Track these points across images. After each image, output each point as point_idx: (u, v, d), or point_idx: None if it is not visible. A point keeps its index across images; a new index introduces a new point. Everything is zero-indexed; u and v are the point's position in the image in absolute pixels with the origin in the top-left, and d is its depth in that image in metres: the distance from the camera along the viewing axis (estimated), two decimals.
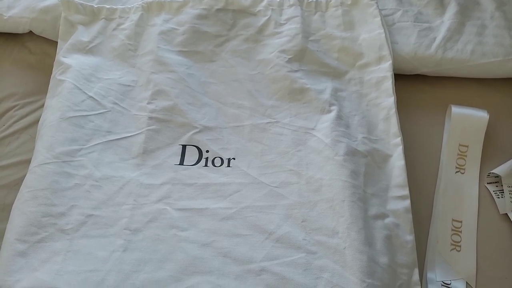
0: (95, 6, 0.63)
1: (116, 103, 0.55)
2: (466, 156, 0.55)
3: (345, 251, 0.43)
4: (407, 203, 0.48)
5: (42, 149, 0.50)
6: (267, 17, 0.62)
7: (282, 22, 0.62)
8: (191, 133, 0.53)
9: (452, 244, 0.50)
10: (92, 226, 0.46)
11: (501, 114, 0.59)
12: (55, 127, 0.51)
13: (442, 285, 0.47)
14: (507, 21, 0.62)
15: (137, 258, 0.43)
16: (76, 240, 0.44)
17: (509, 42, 0.60)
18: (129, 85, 0.57)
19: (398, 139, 0.52)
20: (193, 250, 0.44)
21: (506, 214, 0.51)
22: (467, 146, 0.56)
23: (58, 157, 0.49)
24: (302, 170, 0.50)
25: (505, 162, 0.54)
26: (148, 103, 0.55)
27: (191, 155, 0.52)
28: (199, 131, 0.53)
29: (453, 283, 0.47)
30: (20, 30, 0.65)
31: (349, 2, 0.63)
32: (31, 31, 0.66)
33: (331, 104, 0.54)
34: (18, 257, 0.43)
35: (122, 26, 0.62)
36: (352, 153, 0.50)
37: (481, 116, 0.57)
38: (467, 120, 0.57)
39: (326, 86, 0.56)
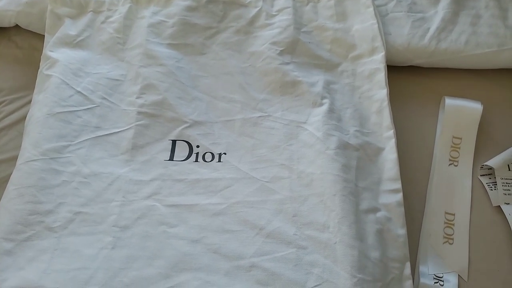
0: None
1: (104, 98, 0.54)
2: (459, 148, 0.55)
3: (336, 246, 0.43)
4: (399, 196, 0.48)
5: (29, 146, 0.49)
6: (258, 8, 0.61)
7: (274, 13, 0.61)
8: (181, 128, 0.52)
9: (444, 237, 0.49)
10: (80, 223, 0.45)
11: (495, 106, 0.58)
12: (42, 123, 0.50)
13: (434, 278, 0.47)
14: (502, 10, 0.61)
15: (126, 255, 0.43)
16: (63, 238, 0.44)
17: (503, 32, 0.59)
18: (117, 80, 0.56)
19: (391, 132, 0.52)
20: (183, 247, 0.44)
21: (499, 206, 0.51)
22: (461, 138, 0.55)
23: (45, 153, 0.48)
24: (294, 164, 0.49)
25: (499, 154, 0.54)
26: (137, 97, 0.54)
27: (181, 150, 0.51)
28: (189, 126, 0.52)
29: (445, 276, 0.47)
30: (5, 24, 0.64)
31: None
32: (17, 24, 0.64)
33: (323, 97, 0.53)
34: (4, 256, 0.42)
35: (110, 19, 0.61)
36: (343, 147, 0.49)
37: (475, 107, 0.56)
38: (460, 111, 0.56)
39: (318, 78, 0.56)
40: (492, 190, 0.52)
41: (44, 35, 0.60)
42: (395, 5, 0.63)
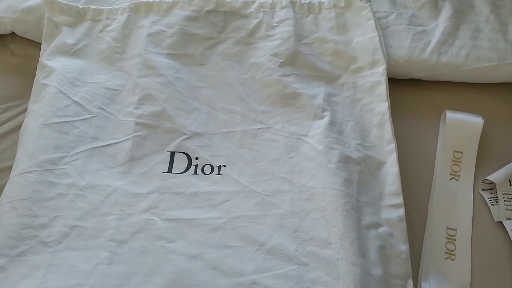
0: (81, 6, 0.61)
1: (102, 108, 0.53)
2: (460, 162, 0.55)
3: (338, 262, 0.42)
4: (401, 211, 0.47)
5: (23, 157, 0.48)
6: (258, 19, 0.61)
7: (274, 24, 0.61)
8: (179, 139, 0.51)
9: (446, 253, 0.49)
10: (75, 237, 0.44)
11: (496, 120, 0.58)
12: (38, 134, 0.49)
13: None
14: (502, 24, 0.62)
15: (123, 272, 0.42)
16: (58, 253, 0.43)
17: (503, 46, 0.60)
18: (115, 89, 0.55)
19: (392, 146, 0.51)
20: (181, 263, 0.42)
21: (501, 221, 0.51)
22: (462, 152, 0.55)
23: (40, 165, 0.47)
24: (294, 178, 0.48)
25: (500, 168, 0.54)
26: (136, 108, 0.53)
27: (180, 162, 0.50)
28: (188, 137, 0.51)
29: None
30: (1, 31, 0.63)
31: (342, 5, 0.62)
32: (13, 32, 0.63)
33: (324, 110, 0.53)
34: None
35: (109, 28, 0.60)
36: (345, 161, 0.49)
37: (476, 121, 0.56)
38: (461, 125, 0.56)
39: (319, 91, 0.55)
40: (493, 205, 0.52)
41: (40, 43, 0.59)
42: (396, 18, 0.63)
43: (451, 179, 0.54)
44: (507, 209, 0.51)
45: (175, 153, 0.50)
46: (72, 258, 0.42)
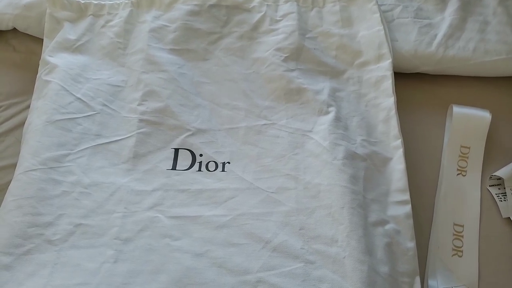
0: (82, 1, 0.60)
1: (105, 105, 0.53)
2: (467, 157, 0.54)
3: (344, 260, 0.42)
4: (407, 208, 0.47)
5: (27, 155, 0.47)
6: (262, 13, 0.60)
7: (278, 18, 0.60)
8: (183, 136, 0.51)
9: (453, 250, 0.48)
10: (81, 236, 0.44)
11: (504, 114, 0.57)
12: (41, 131, 0.49)
13: None
14: (510, 17, 0.61)
15: (128, 270, 0.42)
16: (64, 251, 0.42)
17: None
18: (118, 86, 0.55)
19: (398, 142, 0.51)
20: (187, 261, 0.42)
21: (509, 218, 0.50)
22: (469, 148, 0.54)
23: (44, 163, 0.47)
24: (300, 174, 0.48)
25: (508, 164, 0.53)
26: (139, 104, 0.52)
27: (184, 159, 0.50)
28: (192, 134, 0.51)
29: None
30: (3, 27, 0.63)
31: None
32: (15, 28, 0.63)
33: (329, 105, 0.52)
34: (3, 270, 0.41)
35: (110, 23, 0.59)
36: (351, 157, 0.48)
37: (483, 116, 0.55)
38: (469, 120, 0.55)
39: (324, 86, 0.54)
40: (501, 201, 0.51)
41: (42, 39, 0.59)
42: (401, 11, 0.62)
43: (458, 174, 0.53)
44: None
45: (179, 150, 0.50)
46: (77, 256, 0.42)
